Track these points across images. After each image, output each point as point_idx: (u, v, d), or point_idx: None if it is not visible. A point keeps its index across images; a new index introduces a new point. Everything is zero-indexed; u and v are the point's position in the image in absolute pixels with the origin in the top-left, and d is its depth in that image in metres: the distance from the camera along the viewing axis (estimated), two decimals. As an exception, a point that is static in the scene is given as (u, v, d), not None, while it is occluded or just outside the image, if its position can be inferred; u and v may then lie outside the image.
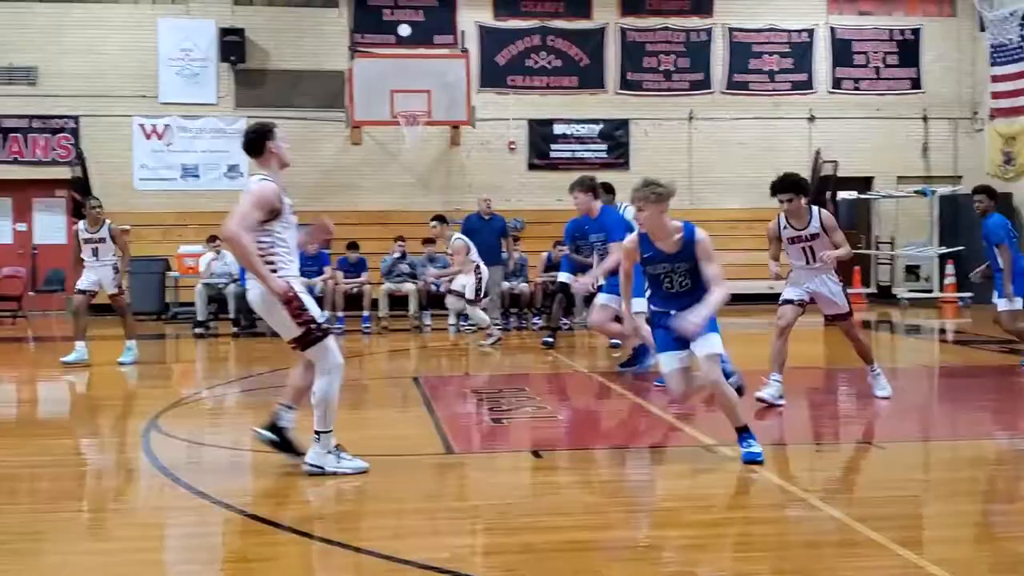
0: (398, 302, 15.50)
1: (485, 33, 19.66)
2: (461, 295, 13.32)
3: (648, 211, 6.07)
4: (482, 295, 13.30)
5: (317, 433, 5.82)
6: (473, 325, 13.78)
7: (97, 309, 12.21)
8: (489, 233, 15.17)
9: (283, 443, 5.99)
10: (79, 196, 18.18)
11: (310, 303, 5.79)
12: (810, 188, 8.23)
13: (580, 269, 11.77)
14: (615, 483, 6.05)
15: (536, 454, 6.48)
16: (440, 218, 13.94)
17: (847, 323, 8.31)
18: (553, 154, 19.84)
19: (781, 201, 8.03)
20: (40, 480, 6.16)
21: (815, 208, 8.16)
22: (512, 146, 19.67)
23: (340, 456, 5.86)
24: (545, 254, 16.38)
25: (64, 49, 18.60)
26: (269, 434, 5.97)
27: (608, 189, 11.02)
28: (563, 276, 12.36)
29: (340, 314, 15.03)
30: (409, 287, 15.42)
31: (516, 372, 11.13)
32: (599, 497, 5.62)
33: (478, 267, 13.17)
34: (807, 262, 8.13)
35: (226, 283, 15.25)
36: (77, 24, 18.73)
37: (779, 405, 7.94)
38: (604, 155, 19.97)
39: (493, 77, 19.65)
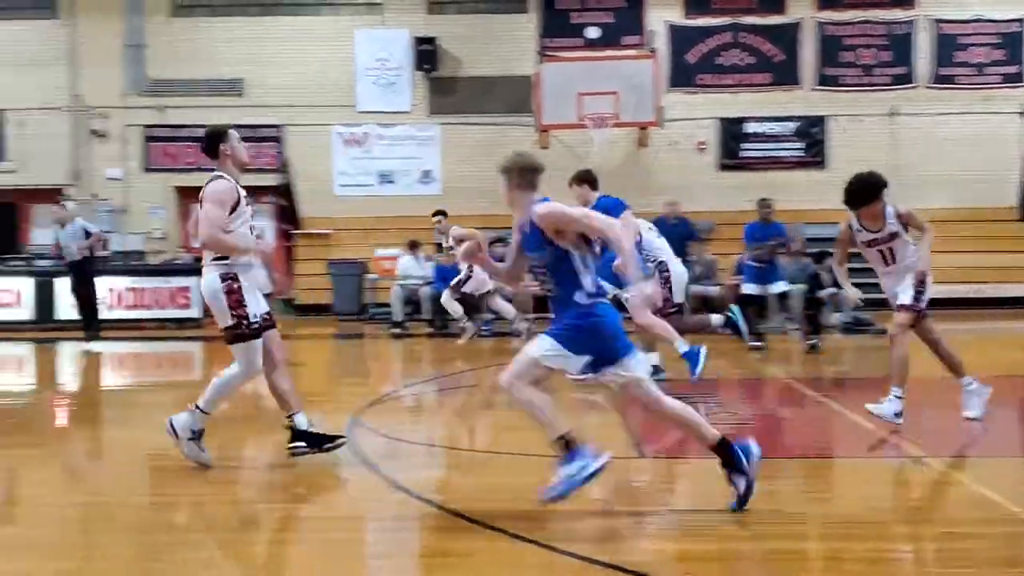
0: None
1: (675, 32, 19.44)
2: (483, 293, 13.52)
3: (503, 188, 5.20)
4: (463, 289, 13.37)
5: (196, 407, 6.03)
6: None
7: (300, 310, 12.75)
8: (673, 238, 14.81)
9: (312, 442, 6.19)
10: (286, 202, 19.11)
11: (251, 301, 6.01)
12: (883, 182, 7.24)
13: (761, 275, 11.96)
14: (815, 493, 5.83)
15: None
16: (442, 212, 13.80)
17: (901, 314, 7.15)
18: (744, 153, 19.42)
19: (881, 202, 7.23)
20: (251, 472, 6.46)
21: (890, 206, 7.27)
22: (702, 146, 19.38)
23: (198, 441, 6.07)
24: (737, 258, 16.03)
25: (269, 61, 19.56)
26: (299, 444, 6.19)
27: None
28: (748, 287, 12.48)
29: (530, 316, 15.14)
30: (597, 289, 15.37)
31: (706, 377, 10.89)
32: (797, 506, 5.42)
33: (471, 265, 13.06)
34: (886, 264, 7.34)
35: (421, 284, 15.67)
36: (280, 36, 19.67)
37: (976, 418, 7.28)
38: (800, 154, 19.41)
39: (682, 76, 19.41)
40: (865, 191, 7.22)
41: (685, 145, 19.32)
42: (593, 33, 19.43)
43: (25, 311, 16.44)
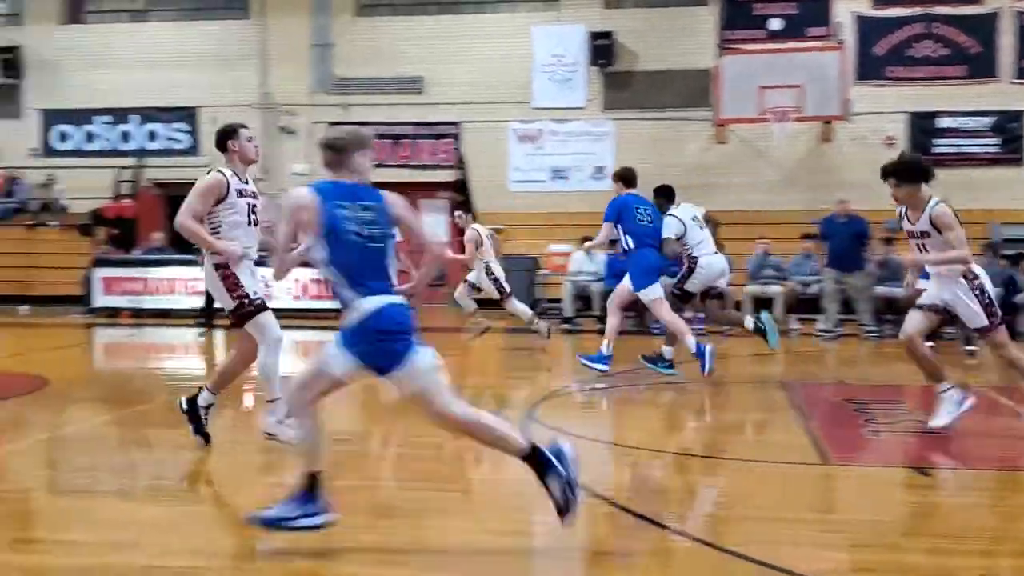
0: (763, 304, 15.08)
1: (862, 23, 18.67)
2: (474, 287, 12.70)
3: None
4: (506, 292, 12.62)
5: (268, 402, 6.37)
6: (829, 331, 13.32)
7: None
8: (844, 237, 14.28)
9: (190, 414, 6.50)
10: (461, 197, 19.41)
11: (247, 281, 6.35)
12: (928, 175, 6.84)
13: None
14: (1005, 508, 5.46)
15: (922, 471, 5.99)
16: (465, 208, 13.27)
17: (990, 338, 6.91)
18: (936, 149, 18.45)
19: (891, 189, 6.94)
20: (423, 460, 6.54)
21: (932, 201, 6.80)
22: (890, 141, 18.50)
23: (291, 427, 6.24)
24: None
25: (448, 58, 19.87)
26: (184, 403, 6.54)
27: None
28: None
29: (701, 315, 14.86)
30: (775, 289, 14.98)
31: (893, 382, 10.43)
32: (983, 521, 5.09)
33: (488, 266, 12.47)
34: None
35: (592, 280, 15.62)
36: (459, 34, 19.96)
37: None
38: (996, 150, 18.32)
39: (870, 69, 18.61)
40: (901, 167, 6.93)
41: (872, 140, 18.50)
42: (776, 24, 18.87)
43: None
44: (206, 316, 15.44)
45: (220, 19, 20.97)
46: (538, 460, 4.34)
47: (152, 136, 21.06)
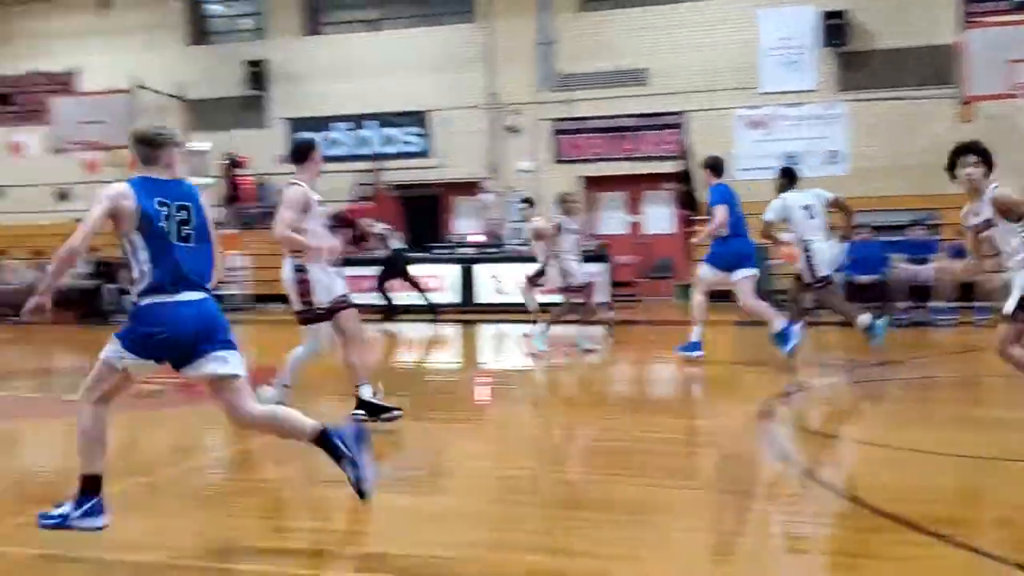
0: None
1: (1125, -16, 17.13)
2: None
3: None
4: (539, 280, 12.77)
5: (281, 384, 7.12)
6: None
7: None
8: None
9: (372, 411, 6.92)
10: (685, 188, 19.17)
11: (320, 289, 6.91)
12: (965, 146, 6.32)
13: None
14: None
15: None
16: (527, 200, 12.80)
17: (1003, 328, 6.05)
18: None
19: (966, 167, 6.24)
20: (656, 456, 6.49)
21: (992, 185, 6.16)
22: None
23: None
24: None
25: (671, 49, 19.69)
26: (360, 412, 6.90)
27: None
28: None
29: (951, 305, 14.06)
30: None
31: None
32: None
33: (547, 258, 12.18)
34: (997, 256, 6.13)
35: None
36: (683, 23, 19.74)
37: None
38: None
39: None
40: (983, 147, 6.40)
41: None
42: (1025, -6, 17.62)
43: (451, 294, 17.80)
44: (434, 311, 15.93)
45: (448, 24, 21.64)
46: (326, 443, 4.57)
47: (388, 140, 21.95)
